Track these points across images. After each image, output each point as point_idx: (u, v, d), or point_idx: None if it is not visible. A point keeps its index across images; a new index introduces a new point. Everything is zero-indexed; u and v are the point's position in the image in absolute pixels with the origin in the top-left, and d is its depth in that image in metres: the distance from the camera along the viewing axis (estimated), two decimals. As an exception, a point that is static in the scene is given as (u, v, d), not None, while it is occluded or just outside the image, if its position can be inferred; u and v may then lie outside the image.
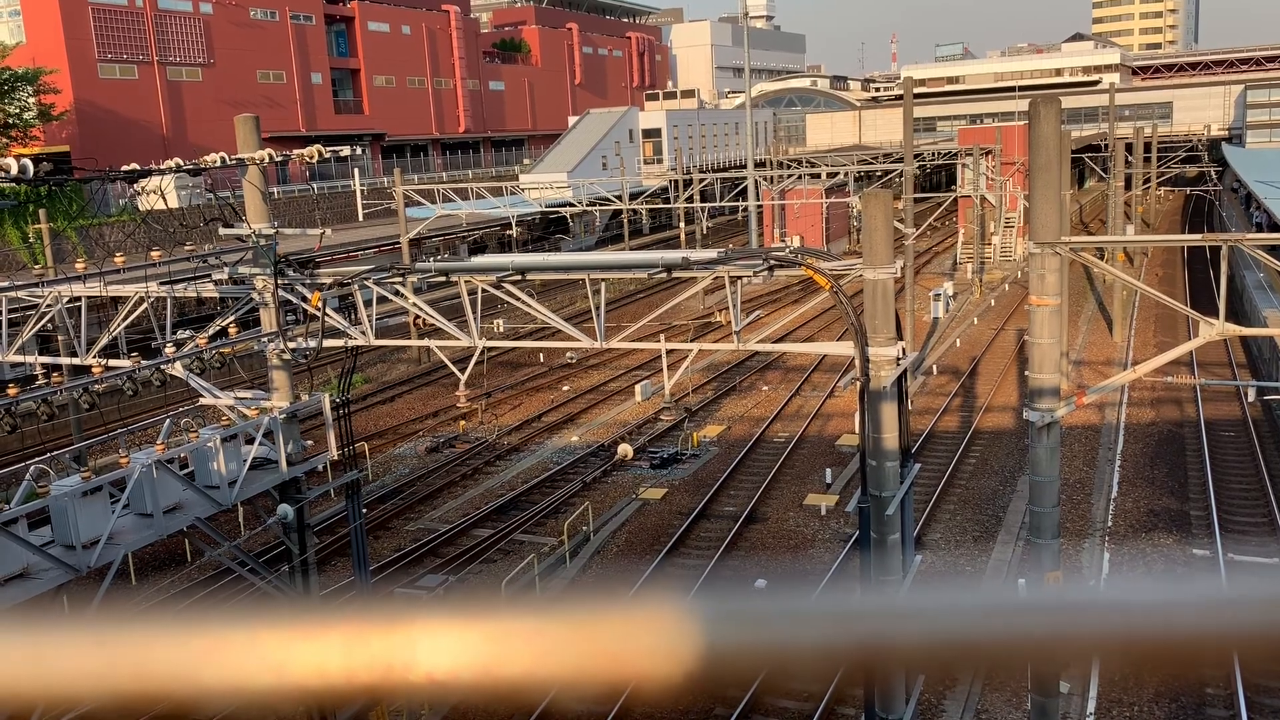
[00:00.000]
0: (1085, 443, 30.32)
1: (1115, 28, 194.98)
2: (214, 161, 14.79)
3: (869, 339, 13.20)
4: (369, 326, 16.18)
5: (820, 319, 47.74)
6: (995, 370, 38.97)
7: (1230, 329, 13.75)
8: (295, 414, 15.91)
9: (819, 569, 23.16)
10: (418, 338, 37.00)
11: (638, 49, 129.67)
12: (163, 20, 69.38)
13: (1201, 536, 23.74)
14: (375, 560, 23.78)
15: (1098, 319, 47.69)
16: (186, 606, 22.33)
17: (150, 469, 13.27)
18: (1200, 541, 23.50)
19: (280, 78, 78.78)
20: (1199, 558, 22.47)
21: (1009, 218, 65.73)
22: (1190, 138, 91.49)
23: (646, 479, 29.45)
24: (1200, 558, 22.49)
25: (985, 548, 23.84)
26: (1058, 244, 14.07)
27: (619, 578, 23.47)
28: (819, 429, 33.17)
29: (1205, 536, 23.69)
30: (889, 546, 13.44)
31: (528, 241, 68.43)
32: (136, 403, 23.39)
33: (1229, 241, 13.75)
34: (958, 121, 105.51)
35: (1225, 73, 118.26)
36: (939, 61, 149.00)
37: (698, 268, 14.72)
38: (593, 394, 38.56)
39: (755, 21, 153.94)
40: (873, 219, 13.35)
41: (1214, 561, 22.25)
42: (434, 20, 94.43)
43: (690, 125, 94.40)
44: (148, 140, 66.71)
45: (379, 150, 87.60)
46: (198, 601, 22.56)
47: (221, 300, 16.86)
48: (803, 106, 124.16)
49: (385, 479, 30.55)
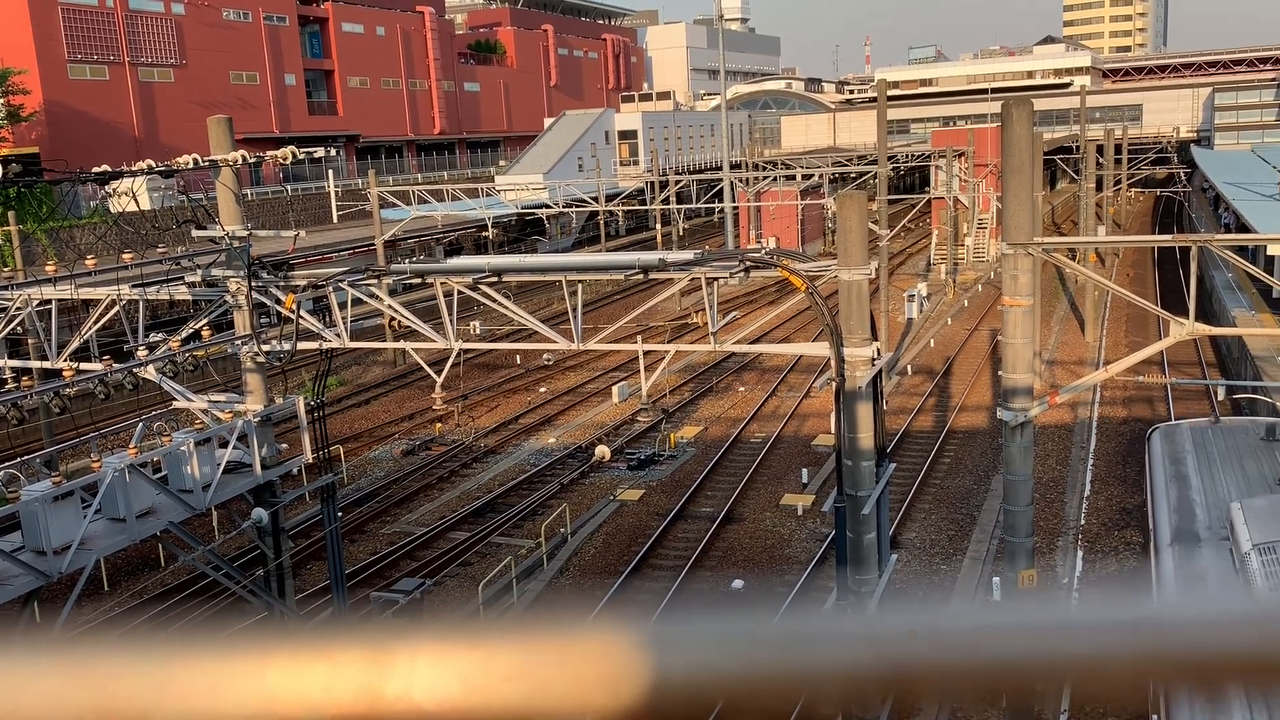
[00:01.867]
0: (1058, 442, 30.59)
1: (1085, 30, 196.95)
2: (187, 163, 14.69)
3: (844, 340, 13.28)
4: (344, 329, 16.11)
5: (796, 320, 47.92)
6: (969, 370, 39.25)
7: (1200, 329, 13.93)
8: (269, 417, 15.81)
9: (796, 568, 23.24)
10: (393, 340, 36.89)
11: (613, 51, 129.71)
12: (134, 20, 68.75)
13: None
14: (351, 564, 23.65)
15: (1070, 319, 48.13)
16: (160, 618, 22.14)
17: (122, 473, 13.15)
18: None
19: (253, 79, 78.25)
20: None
21: (982, 219, 66.24)
22: (1160, 140, 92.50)
23: (624, 480, 29.46)
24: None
25: (960, 546, 24.00)
26: (1030, 245, 14.20)
27: (596, 580, 23.46)
28: (795, 429, 33.29)
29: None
30: (865, 546, 13.52)
31: (504, 243, 68.27)
32: (108, 406, 23.16)
33: (1198, 242, 13.93)
34: (931, 123, 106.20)
35: (1193, 76, 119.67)
36: (912, 64, 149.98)
37: (674, 269, 14.76)
38: (570, 395, 38.54)
39: (730, 24, 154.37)
40: (847, 221, 13.43)
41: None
42: (408, 21, 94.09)
43: (666, 127, 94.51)
44: (119, 141, 66.08)
45: (353, 152, 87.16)
46: (172, 609, 22.37)
47: (194, 303, 16.73)
48: (778, 109, 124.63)
49: (361, 482, 30.39)
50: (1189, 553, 13.97)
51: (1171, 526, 14.95)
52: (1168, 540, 14.52)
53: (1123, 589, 0.99)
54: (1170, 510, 15.39)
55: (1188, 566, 13.57)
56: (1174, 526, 14.92)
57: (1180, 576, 13.32)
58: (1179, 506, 15.48)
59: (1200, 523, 14.73)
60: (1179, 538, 14.45)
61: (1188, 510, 15.35)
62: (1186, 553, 13.98)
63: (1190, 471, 16.81)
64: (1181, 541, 14.31)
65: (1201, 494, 15.70)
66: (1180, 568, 13.61)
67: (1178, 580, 13.22)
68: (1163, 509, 15.66)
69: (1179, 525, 14.88)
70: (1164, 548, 14.43)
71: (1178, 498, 15.86)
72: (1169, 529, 14.87)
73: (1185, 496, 15.79)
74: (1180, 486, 16.31)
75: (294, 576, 17.92)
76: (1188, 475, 16.70)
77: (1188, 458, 17.46)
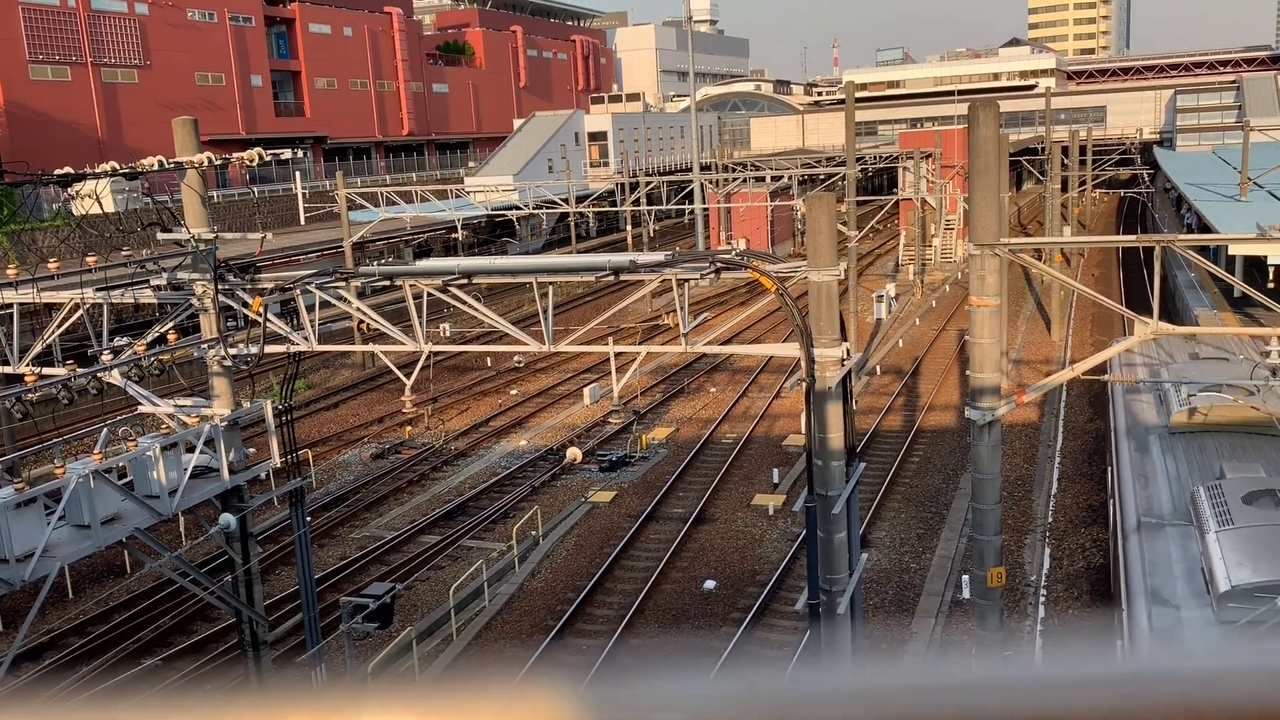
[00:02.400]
0: (1026, 440, 30.89)
1: (1050, 33, 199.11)
2: (151, 165, 14.51)
3: (814, 340, 13.33)
4: (312, 332, 15.97)
5: (766, 321, 48.09)
6: (937, 370, 39.55)
7: (1164, 328, 14.10)
8: (237, 421, 15.66)
9: (767, 568, 23.31)
10: (362, 343, 36.60)
11: (582, 52, 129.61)
12: (96, 21, 67.87)
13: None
14: (320, 568, 23.48)
15: (1036, 319, 48.62)
16: (125, 626, 21.85)
17: (87, 479, 12.97)
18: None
19: (219, 80, 77.49)
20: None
21: (949, 220, 66.77)
22: (1124, 141, 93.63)
23: (596, 482, 29.43)
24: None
25: (929, 544, 24.17)
26: (997, 245, 14.32)
27: (568, 583, 23.42)
28: (766, 430, 33.40)
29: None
30: (835, 545, 13.58)
31: (473, 245, 68.00)
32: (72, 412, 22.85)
33: (1161, 242, 14.10)
34: (899, 125, 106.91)
35: (1156, 78, 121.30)
36: (880, 66, 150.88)
37: (645, 271, 14.75)
38: (541, 397, 38.45)
39: (699, 26, 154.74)
40: (817, 222, 13.49)
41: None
42: (376, 22, 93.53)
43: (636, 128, 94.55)
44: (82, 143, 65.22)
45: (321, 153, 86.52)
46: (138, 616, 22.09)
47: (160, 306, 16.53)
48: (747, 110, 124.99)
49: (330, 486, 30.17)
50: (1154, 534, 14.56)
51: (1137, 511, 15.47)
52: (1134, 525, 15.07)
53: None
54: (1135, 496, 16.04)
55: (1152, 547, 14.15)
56: (1139, 511, 15.45)
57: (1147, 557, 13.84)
58: (1144, 492, 16.16)
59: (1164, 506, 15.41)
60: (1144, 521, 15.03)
61: (1153, 493, 16.03)
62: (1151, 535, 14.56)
63: (1155, 457, 17.66)
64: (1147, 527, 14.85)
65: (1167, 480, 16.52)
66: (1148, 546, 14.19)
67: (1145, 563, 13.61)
68: (1129, 495, 16.24)
69: (1145, 509, 15.42)
70: (1130, 532, 14.88)
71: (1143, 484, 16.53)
72: (1135, 513, 15.44)
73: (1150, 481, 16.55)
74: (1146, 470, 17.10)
75: (262, 582, 17.74)
76: (1153, 460, 17.51)
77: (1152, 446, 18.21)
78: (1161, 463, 17.18)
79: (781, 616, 21.15)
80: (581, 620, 21.63)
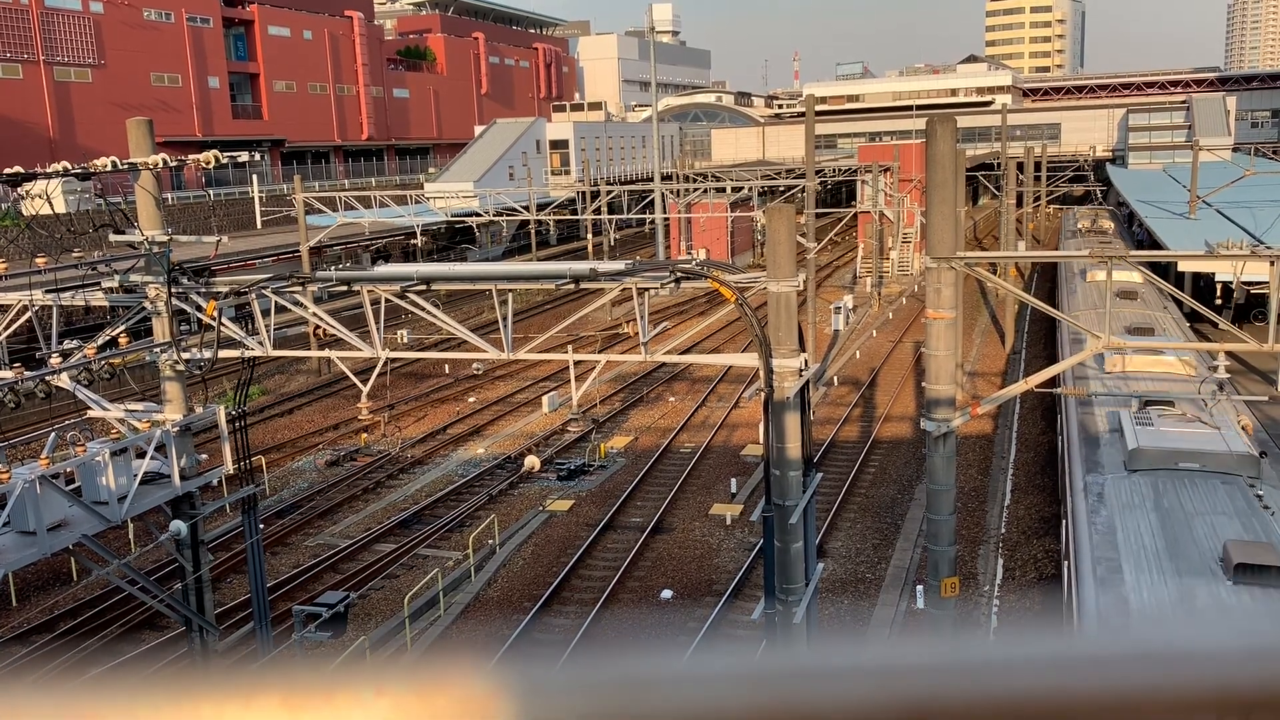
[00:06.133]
0: (980, 451, 31.25)
1: (1006, 50, 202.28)
2: (105, 165, 14.29)
3: (773, 351, 13.41)
4: (267, 337, 15.79)
5: (726, 331, 48.26)
6: (893, 381, 39.92)
7: (1114, 341, 14.35)
8: (189, 427, 15.43)
9: (724, 578, 23.35)
10: (318, 348, 36.24)
11: (545, 60, 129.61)
12: (49, 18, 66.76)
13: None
14: (273, 576, 23.16)
15: (991, 332, 49.25)
16: (72, 634, 21.42)
17: (33, 484, 12.71)
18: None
19: (176, 81, 76.50)
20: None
21: (906, 233, 67.50)
22: (1077, 158, 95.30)
23: (554, 491, 29.33)
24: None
25: (884, 554, 24.35)
26: (953, 259, 14.51)
27: (524, 592, 23.30)
28: (724, 439, 33.50)
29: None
30: (792, 555, 13.65)
31: (433, 251, 67.65)
32: (19, 415, 22.40)
33: (1113, 258, 14.36)
34: (858, 139, 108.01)
35: (1109, 96, 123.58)
36: (840, 80, 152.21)
37: (605, 279, 14.76)
38: (499, 405, 38.28)
39: (661, 37, 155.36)
40: (776, 233, 13.58)
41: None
42: (336, 26, 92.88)
43: (598, 137, 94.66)
44: (32, 142, 64.06)
45: (279, 156, 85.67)
46: (85, 624, 21.66)
47: (111, 309, 16.26)
48: (708, 121, 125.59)
49: (283, 493, 29.79)
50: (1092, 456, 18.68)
51: (1082, 460, 18.88)
52: (1081, 476, 18.00)
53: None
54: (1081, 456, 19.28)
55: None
56: (1084, 460, 18.91)
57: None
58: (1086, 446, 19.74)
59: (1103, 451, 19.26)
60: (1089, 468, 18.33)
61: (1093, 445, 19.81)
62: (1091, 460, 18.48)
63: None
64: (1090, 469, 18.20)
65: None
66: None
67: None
68: (1076, 456, 19.48)
69: (1087, 457, 19.05)
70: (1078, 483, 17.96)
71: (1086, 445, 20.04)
72: (1081, 466, 18.63)
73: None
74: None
75: (214, 590, 17.48)
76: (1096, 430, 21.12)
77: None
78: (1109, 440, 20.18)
79: (738, 626, 21.19)
80: (538, 629, 21.54)
